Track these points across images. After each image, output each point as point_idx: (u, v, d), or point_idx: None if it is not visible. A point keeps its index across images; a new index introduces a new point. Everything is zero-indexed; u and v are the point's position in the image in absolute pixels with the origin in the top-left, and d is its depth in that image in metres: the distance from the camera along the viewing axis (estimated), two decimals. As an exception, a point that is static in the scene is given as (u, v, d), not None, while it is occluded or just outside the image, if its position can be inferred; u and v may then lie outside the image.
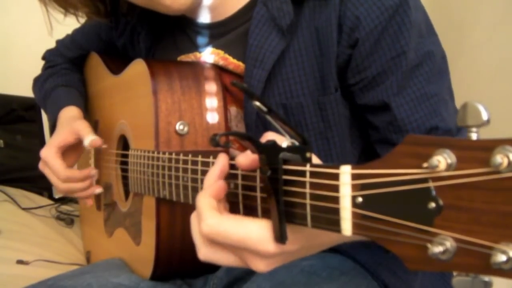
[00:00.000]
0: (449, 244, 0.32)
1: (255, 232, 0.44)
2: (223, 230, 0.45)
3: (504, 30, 1.26)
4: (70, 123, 0.93)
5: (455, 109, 0.75)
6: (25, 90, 1.20)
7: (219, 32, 0.80)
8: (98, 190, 0.93)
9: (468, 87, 1.34)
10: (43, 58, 1.15)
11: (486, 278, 0.32)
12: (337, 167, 0.40)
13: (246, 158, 0.48)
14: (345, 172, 0.39)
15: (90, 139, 0.87)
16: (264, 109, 0.46)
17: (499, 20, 1.29)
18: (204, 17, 0.82)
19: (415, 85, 0.69)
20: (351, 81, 0.70)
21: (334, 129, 0.73)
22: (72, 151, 0.92)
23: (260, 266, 0.46)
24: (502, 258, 0.29)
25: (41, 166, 0.91)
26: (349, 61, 0.69)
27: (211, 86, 0.77)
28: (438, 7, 1.47)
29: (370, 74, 0.69)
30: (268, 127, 0.53)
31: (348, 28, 0.67)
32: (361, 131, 0.77)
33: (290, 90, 0.72)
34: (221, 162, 0.51)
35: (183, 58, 0.85)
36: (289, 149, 0.45)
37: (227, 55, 0.79)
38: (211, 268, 0.81)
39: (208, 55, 0.81)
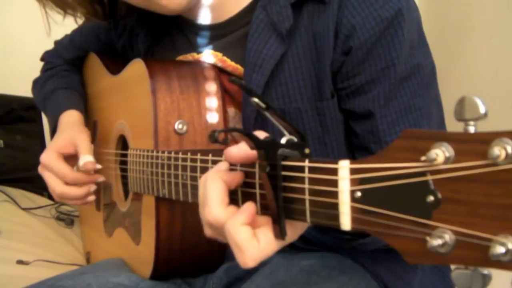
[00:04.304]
0: (448, 237, 0.32)
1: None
2: (265, 255, 0.45)
3: (504, 30, 1.26)
4: (71, 129, 0.93)
5: (442, 120, 0.76)
6: (25, 90, 1.19)
7: (218, 34, 0.80)
8: (91, 198, 0.91)
9: (468, 87, 1.34)
10: (42, 59, 1.14)
11: (485, 271, 0.32)
12: (336, 162, 0.40)
13: (239, 150, 0.47)
14: (344, 166, 0.39)
15: (84, 160, 0.87)
16: (263, 105, 0.45)
17: (499, 20, 1.29)
18: (203, 19, 0.81)
19: (402, 97, 0.69)
20: (339, 85, 0.71)
21: (332, 134, 0.73)
22: (70, 157, 0.92)
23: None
24: (500, 250, 0.29)
25: (40, 170, 0.90)
26: (341, 67, 0.70)
27: (210, 86, 0.77)
28: (437, 7, 1.47)
29: (359, 82, 0.69)
30: (266, 130, 0.52)
31: (343, 35, 0.68)
32: None
33: (288, 95, 0.72)
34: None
35: (181, 59, 0.85)
36: (288, 145, 0.45)
37: (225, 58, 0.79)
38: (210, 267, 0.81)
39: (206, 56, 0.81)
